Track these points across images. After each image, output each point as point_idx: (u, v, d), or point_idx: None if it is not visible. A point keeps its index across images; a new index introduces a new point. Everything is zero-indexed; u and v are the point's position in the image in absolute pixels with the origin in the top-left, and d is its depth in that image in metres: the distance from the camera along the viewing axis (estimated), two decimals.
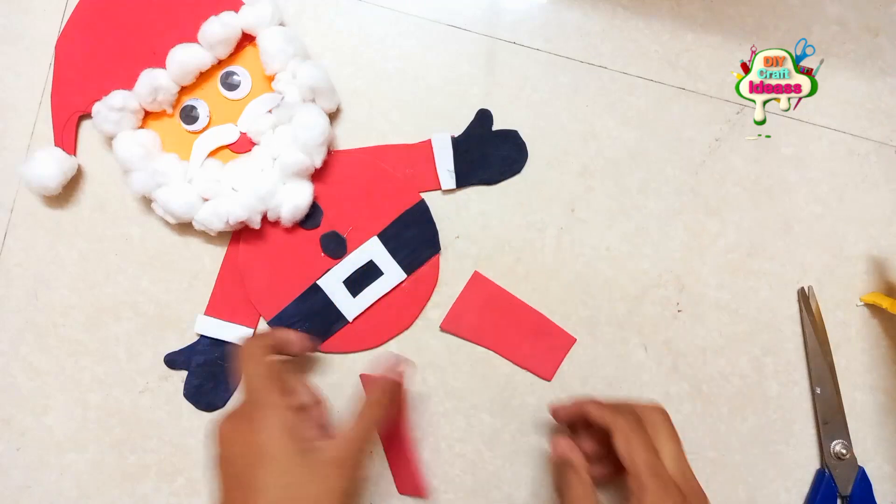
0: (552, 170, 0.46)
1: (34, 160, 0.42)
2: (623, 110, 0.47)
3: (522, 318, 0.45)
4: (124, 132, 0.42)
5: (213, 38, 0.42)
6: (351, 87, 0.46)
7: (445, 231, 0.45)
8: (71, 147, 0.44)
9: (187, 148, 0.43)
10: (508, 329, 0.45)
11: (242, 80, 0.44)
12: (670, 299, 0.46)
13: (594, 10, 0.47)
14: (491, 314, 0.45)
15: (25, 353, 0.44)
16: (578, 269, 0.46)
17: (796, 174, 0.47)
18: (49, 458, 0.44)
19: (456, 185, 0.45)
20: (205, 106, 0.44)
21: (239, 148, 0.44)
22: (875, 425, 0.46)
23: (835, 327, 0.46)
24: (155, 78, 0.42)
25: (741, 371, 0.46)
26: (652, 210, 0.46)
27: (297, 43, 0.43)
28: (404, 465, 0.44)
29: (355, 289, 0.44)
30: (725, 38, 0.47)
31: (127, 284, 0.45)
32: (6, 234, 0.45)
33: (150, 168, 0.42)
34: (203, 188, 0.42)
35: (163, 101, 0.43)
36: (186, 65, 0.42)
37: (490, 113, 0.46)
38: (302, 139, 0.42)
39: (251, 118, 0.43)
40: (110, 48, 0.44)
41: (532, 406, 0.45)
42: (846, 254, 0.47)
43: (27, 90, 0.45)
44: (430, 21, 0.47)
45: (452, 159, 0.45)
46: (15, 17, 0.46)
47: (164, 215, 0.43)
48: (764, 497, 0.45)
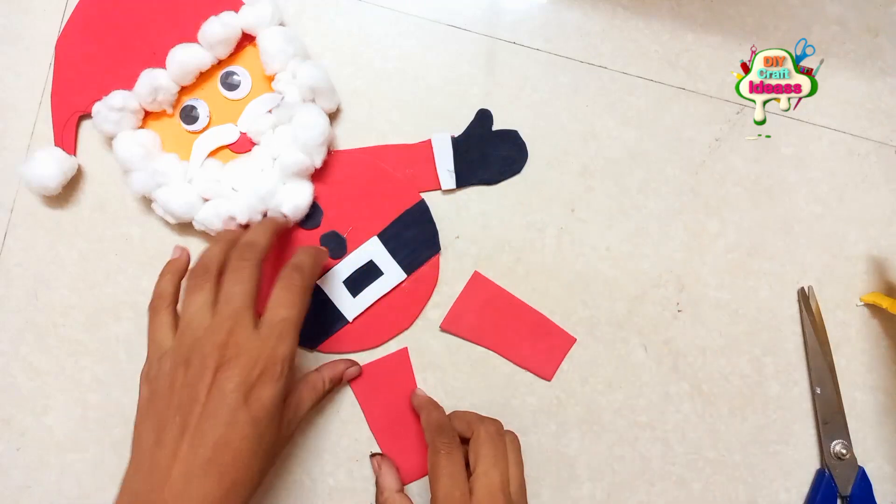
0: (552, 170, 0.46)
1: (34, 160, 0.42)
2: (623, 110, 0.47)
3: (522, 318, 0.45)
4: (124, 132, 0.42)
5: (213, 38, 0.42)
6: (351, 87, 0.46)
7: (445, 231, 0.45)
8: (71, 147, 0.44)
9: (187, 148, 0.43)
10: (508, 329, 0.45)
11: (242, 80, 0.44)
12: (670, 299, 0.46)
13: (594, 10, 0.47)
14: (491, 314, 0.45)
15: (25, 353, 0.44)
16: (578, 269, 0.46)
17: (796, 174, 0.47)
18: (49, 458, 0.44)
19: (456, 185, 0.45)
20: (205, 106, 0.44)
21: (239, 148, 0.44)
22: (875, 425, 0.46)
23: (835, 327, 0.46)
24: (155, 78, 0.42)
25: (741, 371, 0.46)
26: (652, 210, 0.46)
27: (297, 43, 0.43)
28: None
29: (355, 289, 0.44)
30: (725, 38, 0.47)
31: (127, 284, 0.45)
32: (6, 234, 0.45)
33: (150, 168, 0.42)
34: (203, 188, 0.42)
35: (163, 101, 0.43)
36: (186, 65, 0.42)
37: (490, 113, 0.46)
38: (302, 139, 0.42)
39: (251, 118, 0.43)
40: (110, 48, 0.44)
41: (532, 406, 0.45)
42: (846, 254, 0.47)
43: (27, 90, 0.45)
44: (430, 21, 0.47)
45: (452, 159, 0.45)
46: (15, 17, 0.46)
47: (164, 215, 0.43)
48: (764, 497, 0.45)
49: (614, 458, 0.45)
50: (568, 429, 0.45)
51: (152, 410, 0.34)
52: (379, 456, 0.43)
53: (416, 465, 0.44)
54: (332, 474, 0.44)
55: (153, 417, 0.34)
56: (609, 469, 0.45)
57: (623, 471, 0.45)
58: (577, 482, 0.44)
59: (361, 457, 0.44)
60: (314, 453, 0.44)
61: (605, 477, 0.45)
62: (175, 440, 0.32)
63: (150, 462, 0.32)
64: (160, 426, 0.33)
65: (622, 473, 0.45)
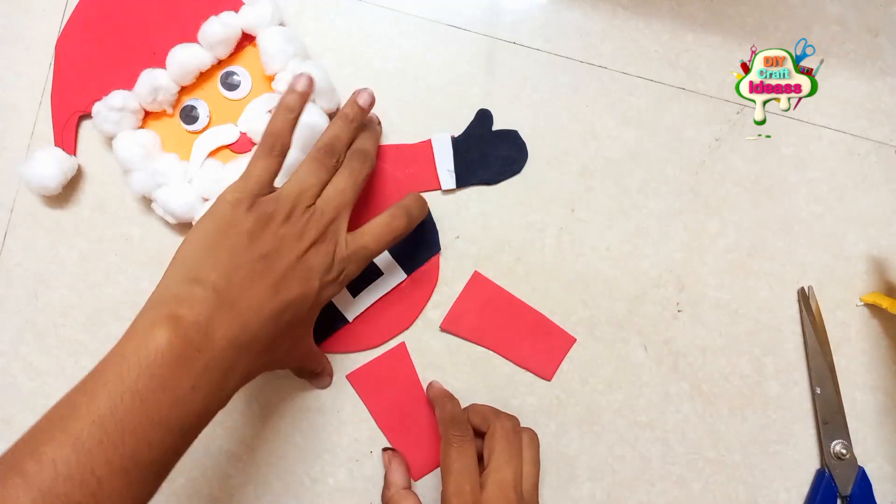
0: (552, 170, 0.46)
1: (34, 160, 0.42)
2: (623, 110, 0.47)
3: (522, 318, 0.45)
4: (124, 132, 0.42)
5: (213, 38, 0.42)
6: (351, 87, 0.45)
7: (445, 231, 0.45)
8: (71, 147, 0.44)
9: (187, 148, 0.43)
10: (508, 329, 0.45)
11: (242, 80, 0.44)
12: (670, 299, 0.46)
13: (594, 10, 0.47)
14: (491, 314, 0.45)
15: (25, 353, 0.44)
16: (578, 269, 0.46)
17: (796, 174, 0.47)
18: None
19: (456, 185, 0.45)
20: (205, 106, 0.44)
21: (239, 148, 0.44)
22: (875, 425, 0.46)
23: (835, 327, 0.46)
24: (155, 78, 0.42)
25: (741, 371, 0.46)
26: (652, 210, 0.46)
27: (297, 43, 0.43)
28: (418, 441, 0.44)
29: (355, 289, 0.44)
30: (725, 38, 0.47)
31: (127, 284, 0.45)
32: (6, 234, 0.45)
33: (150, 168, 0.42)
34: (203, 188, 0.42)
35: (163, 101, 0.43)
36: (186, 65, 0.42)
37: (490, 113, 0.46)
38: (302, 139, 0.42)
39: (251, 118, 0.43)
40: (110, 48, 0.44)
41: (532, 406, 0.45)
42: (846, 254, 0.47)
43: (27, 90, 0.45)
44: (430, 21, 0.47)
45: (452, 159, 0.45)
46: (15, 17, 0.46)
47: (164, 215, 0.43)
48: (764, 497, 0.45)
49: (614, 458, 0.45)
50: (568, 429, 0.45)
51: (227, 240, 0.34)
52: (391, 451, 0.43)
53: (425, 460, 0.44)
54: (333, 474, 0.44)
55: (226, 248, 0.34)
56: (609, 469, 0.45)
57: (623, 471, 0.45)
58: (577, 482, 0.44)
59: (361, 457, 0.44)
60: (314, 453, 0.44)
61: (605, 477, 0.45)
62: (250, 280, 0.34)
63: (214, 291, 0.33)
64: (233, 260, 0.34)
65: (622, 473, 0.45)
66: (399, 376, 0.44)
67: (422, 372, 0.45)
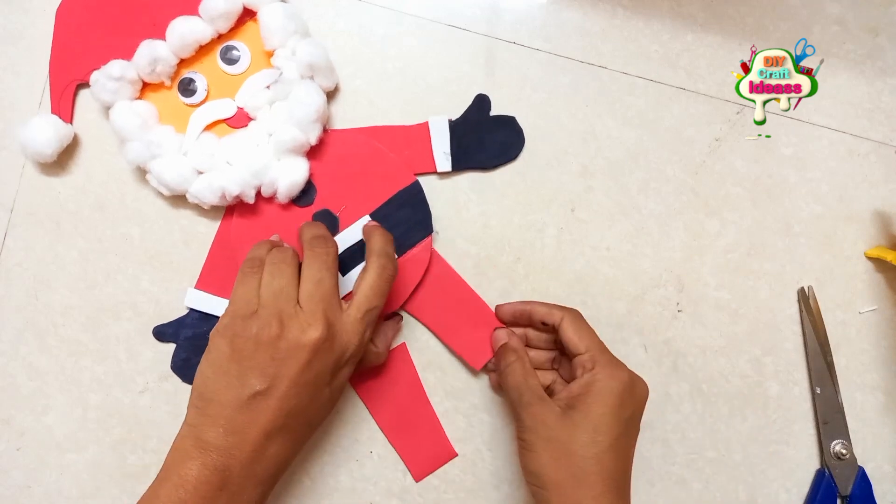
0: (552, 170, 0.46)
1: (31, 125, 0.42)
2: (623, 110, 0.47)
3: (466, 304, 0.44)
4: (121, 102, 0.42)
5: (215, 12, 0.42)
6: (351, 87, 0.46)
7: (445, 231, 0.45)
8: (67, 115, 0.44)
9: (184, 121, 0.43)
10: (450, 310, 0.44)
11: (242, 55, 0.44)
12: (670, 299, 0.46)
13: (594, 10, 0.47)
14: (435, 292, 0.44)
15: (25, 353, 0.44)
16: (578, 269, 0.46)
17: (796, 174, 0.47)
18: (49, 458, 0.44)
19: (452, 168, 0.45)
20: (203, 79, 0.44)
21: (236, 122, 0.43)
22: (875, 425, 0.46)
23: (835, 327, 0.46)
24: (154, 49, 0.42)
25: (741, 371, 0.46)
26: (652, 210, 0.46)
27: (297, 20, 0.43)
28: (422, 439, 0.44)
29: (345, 267, 0.43)
30: (725, 38, 0.47)
31: (127, 284, 0.45)
32: (6, 234, 0.45)
33: (146, 139, 0.41)
34: (198, 161, 0.42)
35: (161, 72, 0.43)
36: (186, 37, 0.42)
37: (488, 98, 0.46)
38: (297, 115, 0.41)
39: (249, 93, 0.43)
40: (110, 18, 0.43)
41: None
42: (846, 254, 0.47)
43: (27, 90, 0.45)
44: (430, 21, 0.47)
45: (449, 142, 0.45)
46: (15, 16, 0.46)
47: (158, 187, 0.43)
48: (764, 497, 0.45)
49: None
50: None
51: (233, 368, 0.35)
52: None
53: (429, 460, 0.44)
54: (333, 474, 0.44)
55: (233, 375, 0.35)
56: None
57: None
58: None
59: (361, 457, 0.44)
60: (314, 453, 0.44)
61: None
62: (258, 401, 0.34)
63: (227, 418, 0.34)
64: (241, 384, 0.35)
65: None
66: (399, 376, 0.44)
67: (422, 372, 0.45)
